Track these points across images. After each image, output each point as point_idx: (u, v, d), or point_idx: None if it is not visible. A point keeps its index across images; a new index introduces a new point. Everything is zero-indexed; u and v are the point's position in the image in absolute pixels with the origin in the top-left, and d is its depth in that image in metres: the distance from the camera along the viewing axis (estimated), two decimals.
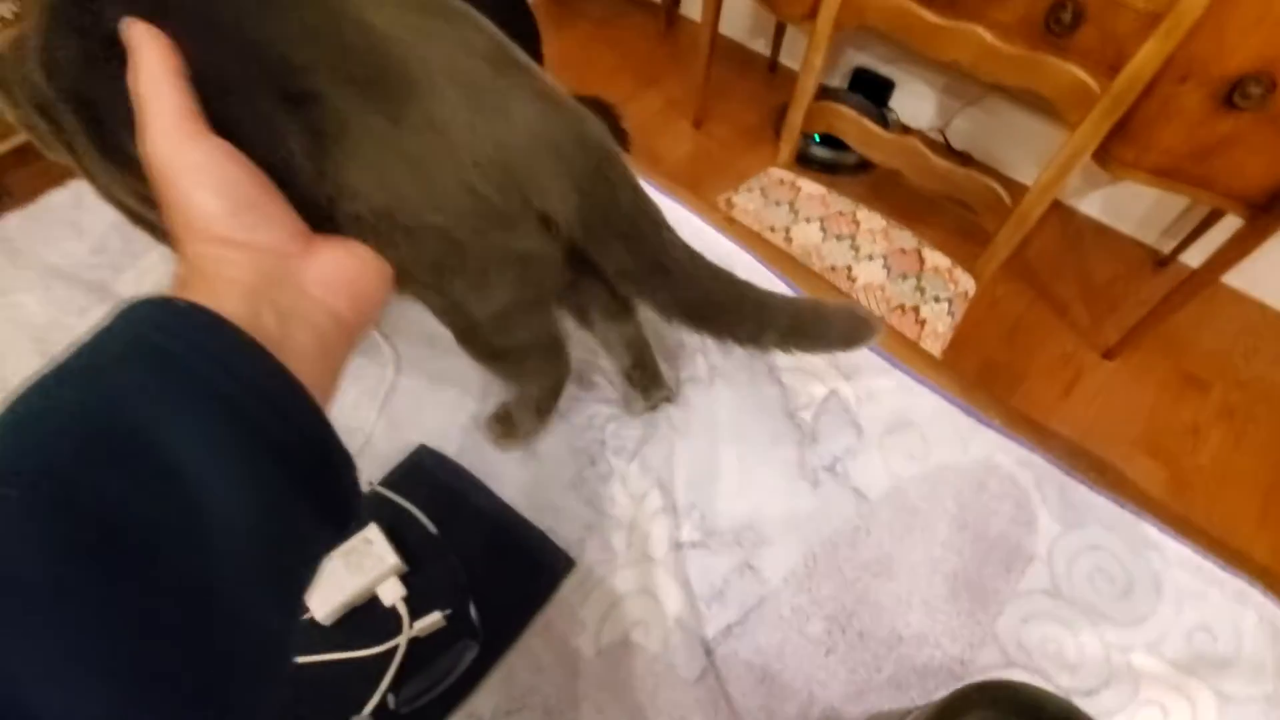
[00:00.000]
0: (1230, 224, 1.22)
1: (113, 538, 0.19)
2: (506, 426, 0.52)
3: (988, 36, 0.89)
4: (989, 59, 0.90)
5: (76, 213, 0.67)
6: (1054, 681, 0.44)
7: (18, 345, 0.57)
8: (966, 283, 1.06)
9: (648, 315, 0.48)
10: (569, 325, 0.51)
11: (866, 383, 0.58)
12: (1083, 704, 0.29)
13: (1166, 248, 1.69)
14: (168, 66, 0.28)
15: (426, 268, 0.36)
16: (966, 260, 1.08)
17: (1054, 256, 1.71)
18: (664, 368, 0.56)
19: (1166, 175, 1.21)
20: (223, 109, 0.30)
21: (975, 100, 1.77)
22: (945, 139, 1.87)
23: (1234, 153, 1.12)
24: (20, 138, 1.63)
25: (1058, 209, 1.81)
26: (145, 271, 0.63)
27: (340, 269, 0.30)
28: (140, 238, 0.46)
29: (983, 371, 1.49)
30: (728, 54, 2.08)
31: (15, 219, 0.66)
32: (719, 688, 0.43)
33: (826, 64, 1.03)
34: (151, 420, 0.21)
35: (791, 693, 0.44)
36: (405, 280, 0.36)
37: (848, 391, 0.57)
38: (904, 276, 1.04)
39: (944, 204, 1.03)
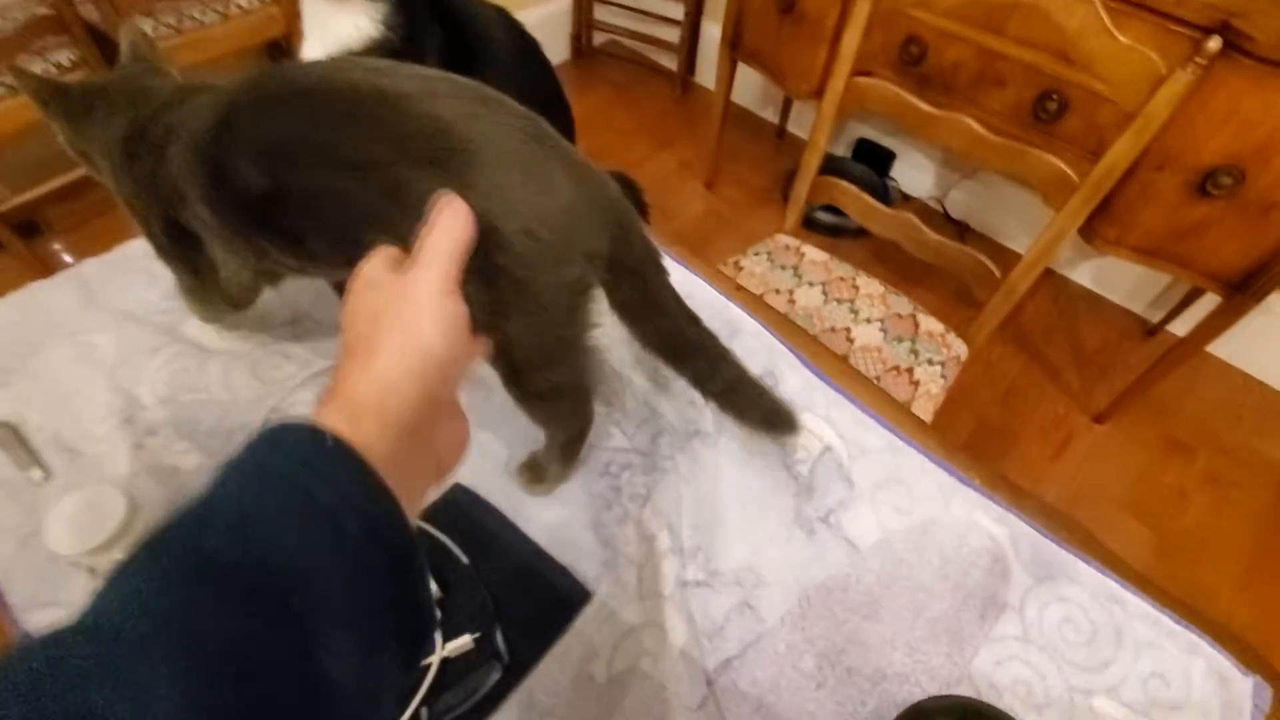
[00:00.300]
0: (1214, 297, 1.30)
1: (238, 685, 0.21)
2: (536, 473, 0.58)
3: (976, 127, 0.98)
4: (978, 146, 0.99)
5: (149, 262, 0.74)
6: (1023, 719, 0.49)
7: (92, 382, 0.63)
8: (959, 347, 1.12)
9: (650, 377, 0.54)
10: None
11: (858, 440, 0.63)
12: None
13: (1155, 317, 1.77)
14: (462, 237, 0.35)
15: (488, 310, 0.43)
16: (961, 325, 1.14)
17: (1047, 322, 1.78)
18: (674, 419, 0.62)
19: (1148, 254, 1.29)
20: (332, 207, 0.40)
21: (972, 173, 1.87)
22: (944, 208, 1.97)
23: (1209, 236, 1.20)
24: (63, 179, 1.73)
25: (1050, 277, 1.89)
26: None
27: (458, 433, 0.38)
28: None
29: (977, 431, 1.55)
30: (739, 120, 2.20)
31: (94, 265, 0.73)
32: (718, 715, 0.48)
33: (831, 136, 1.11)
34: (293, 580, 0.23)
35: None
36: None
37: (841, 448, 0.63)
38: (899, 340, 1.10)
39: (941, 270, 1.10)
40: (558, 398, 0.54)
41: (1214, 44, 0.79)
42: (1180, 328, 1.67)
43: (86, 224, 1.72)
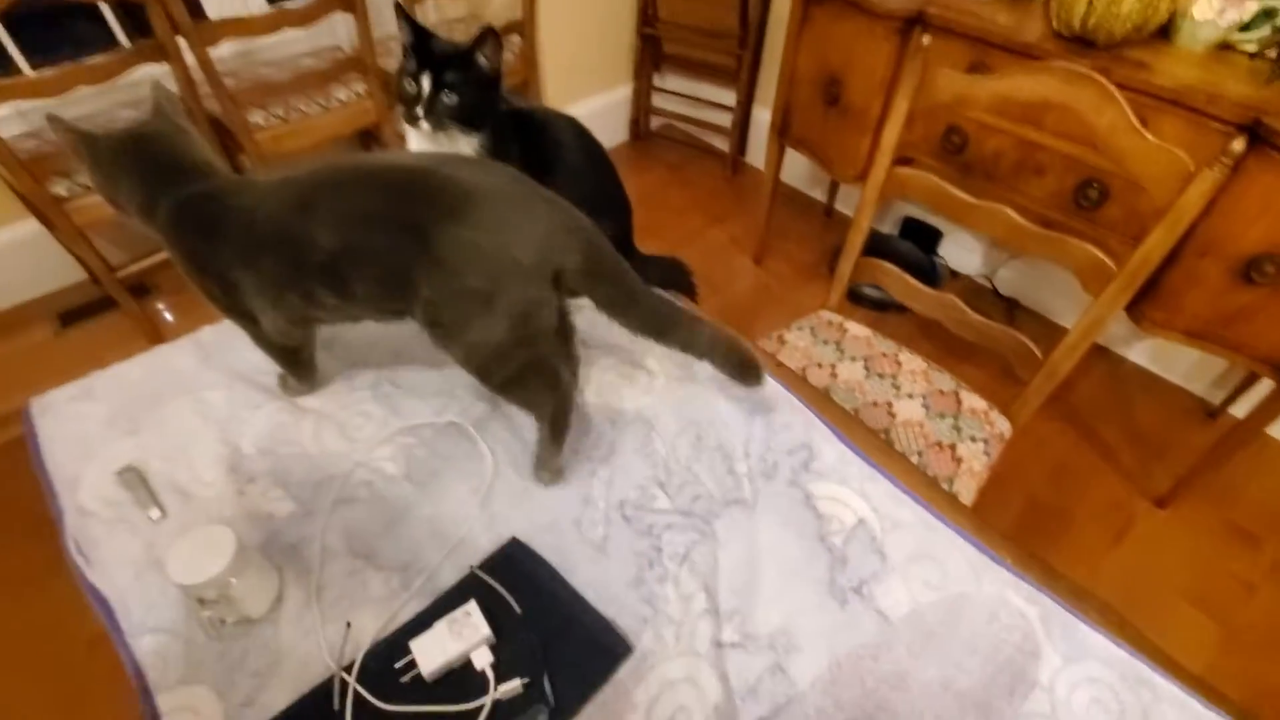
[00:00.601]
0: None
1: None
2: (541, 464, 0.68)
3: (1015, 216, 1.02)
4: (1016, 235, 1.03)
5: None
6: None
7: (205, 433, 0.73)
8: (1003, 425, 1.13)
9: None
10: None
11: (892, 515, 0.66)
12: None
13: (1217, 399, 1.72)
14: None
15: (460, 319, 0.59)
16: (1005, 402, 1.15)
17: (1101, 400, 1.75)
18: (713, 487, 0.66)
19: (1196, 336, 1.28)
20: (383, 257, 0.59)
21: (1019, 252, 1.90)
22: (993, 285, 1.99)
23: (1256, 321, 1.19)
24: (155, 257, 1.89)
25: (1105, 355, 1.87)
26: None
27: None
28: None
29: (1027, 510, 1.52)
30: (788, 199, 2.30)
31: (210, 331, 0.84)
32: None
33: (877, 215, 1.17)
34: None
35: None
36: (443, 336, 0.62)
37: (874, 521, 0.66)
38: (942, 415, 1.12)
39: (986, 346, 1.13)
40: (523, 381, 0.66)
41: (1239, 144, 0.82)
42: (1243, 410, 1.62)
43: (186, 289, 1.93)
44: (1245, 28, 1.22)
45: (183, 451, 0.70)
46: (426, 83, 0.72)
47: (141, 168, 0.62)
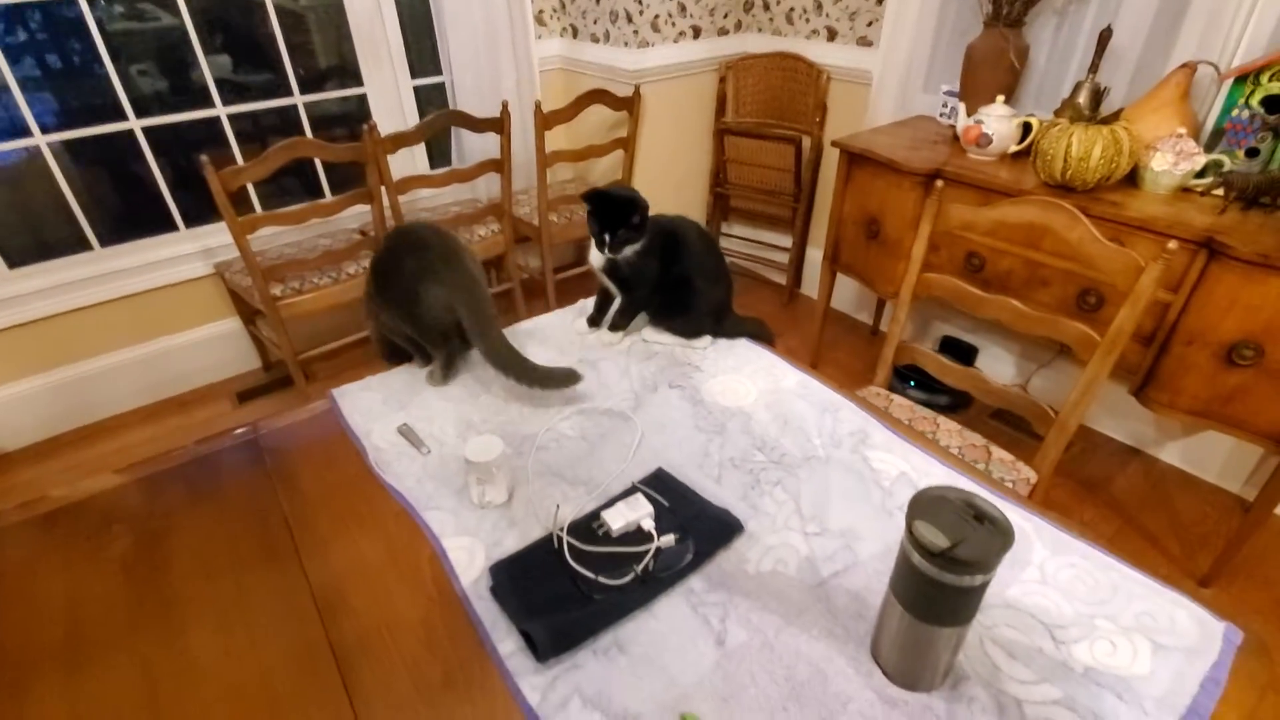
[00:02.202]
0: None
1: None
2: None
3: (1017, 305, 1.34)
4: (1020, 319, 1.34)
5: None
6: (1051, 631, 0.71)
7: (447, 411, 1.07)
8: (1028, 472, 1.37)
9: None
10: None
11: (926, 470, 0.93)
12: (1064, 640, 0.62)
13: (1251, 495, 1.86)
14: None
15: (470, 315, 1.06)
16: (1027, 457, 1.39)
17: (1141, 495, 1.92)
18: (794, 449, 0.96)
19: (1200, 415, 1.51)
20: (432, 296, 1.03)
21: (1047, 363, 2.17)
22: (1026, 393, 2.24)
23: (1250, 399, 1.43)
24: (330, 345, 2.48)
25: (1139, 456, 2.05)
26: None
27: None
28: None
29: None
30: (837, 321, 2.67)
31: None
32: (826, 598, 0.75)
33: (919, 335, 1.50)
34: None
35: (871, 609, 0.74)
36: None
37: (913, 474, 0.93)
38: (975, 462, 1.37)
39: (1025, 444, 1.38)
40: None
41: (1173, 245, 1.15)
42: None
43: (336, 375, 2.40)
44: (1200, 174, 1.59)
45: (434, 421, 1.04)
46: (606, 236, 1.14)
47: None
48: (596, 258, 1.19)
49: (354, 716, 0.65)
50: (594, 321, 1.28)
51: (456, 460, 0.96)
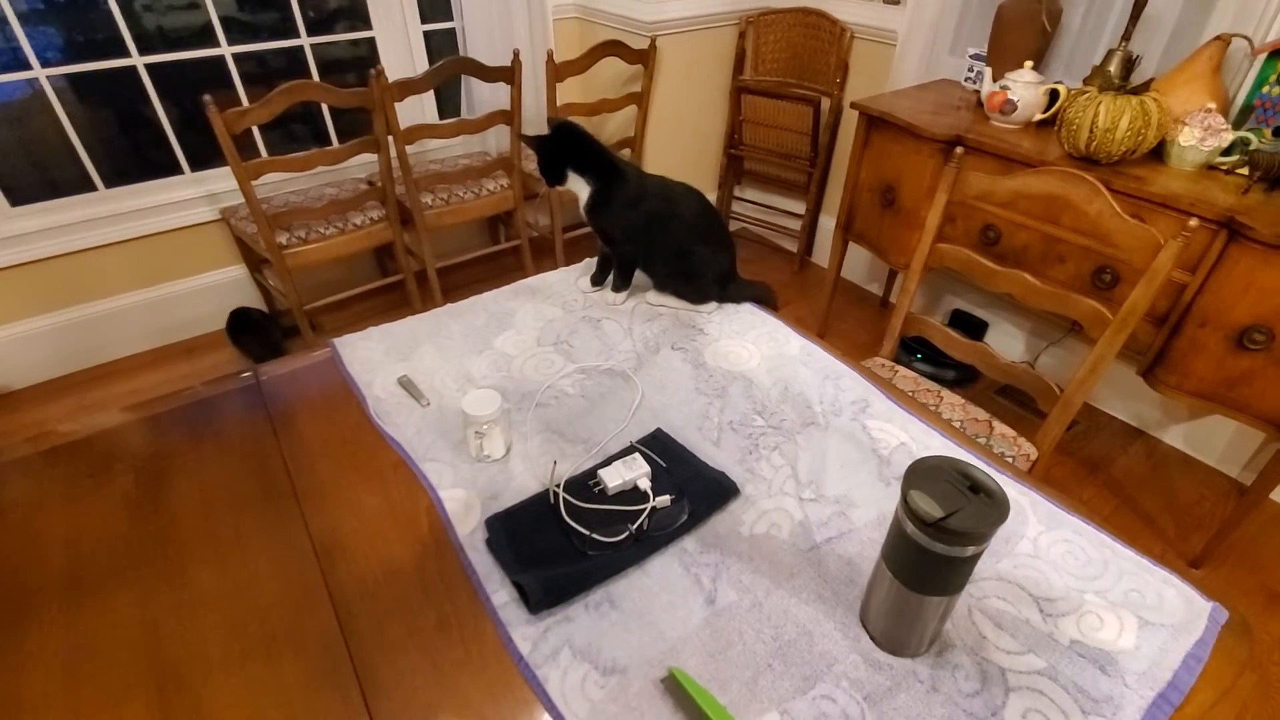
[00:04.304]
0: None
1: None
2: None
3: (1029, 279, 1.32)
4: (1032, 293, 1.32)
5: (481, 305, 1.21)
6: (1039, 603, 0.72)
7: (447, 365, 1.07)
8: (1029, 448, 1.36)
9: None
10: None
11: (925, 441, 0.93)
12: (1052, 614, 0.62)
13: (1250, 481, 1.86)
14: None
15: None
16: (1029, 434, 1.39)
17: (1141, 475, 1.92)
18: (793, 416, 0.95)
19: (1205, 398, 1.50)
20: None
21: (1057, 340, 2.15)
22: (1035, 370, 2.22)
23: (1256, 384, 1.41)
24: (337, 295, 2.50)
25: (1142, 437, 2.05)
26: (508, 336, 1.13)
27: None
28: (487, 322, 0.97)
29: None
30: (847, 291, 2.64)
31: (447, 308, 1.21)
32: (819, 562, 0.76)
33: (929, 307, 1.48)
34: None
35: (863, 576, 0.75)
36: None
37: (912, 444, 0.92)
38: (977, 436, 1.37)
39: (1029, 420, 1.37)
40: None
41: (1193, 223, 1.12)
42: None
43: (341, 329, 2.41)
44: (1226, 152, 1.54)
45: (434, 374, 1.04)
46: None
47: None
48: (582, 205, 1.18)
49: (349, 655, 0.67)
50: (597, 281, 1.26)
51: (456, 413, 0.96)
